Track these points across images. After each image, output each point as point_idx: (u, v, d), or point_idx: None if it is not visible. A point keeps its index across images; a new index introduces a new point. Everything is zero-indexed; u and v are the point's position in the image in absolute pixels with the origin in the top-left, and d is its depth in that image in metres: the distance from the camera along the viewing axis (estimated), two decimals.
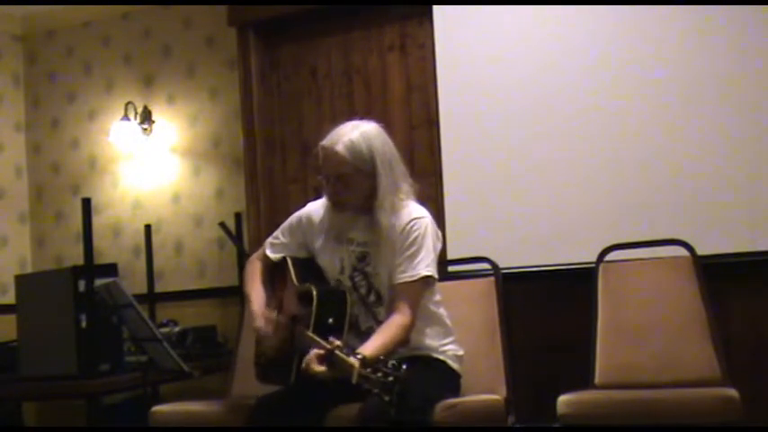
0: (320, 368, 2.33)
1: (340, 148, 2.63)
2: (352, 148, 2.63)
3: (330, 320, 2.60)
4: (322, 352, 2.32)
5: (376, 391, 2.14)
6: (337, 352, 2.27)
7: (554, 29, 3.81)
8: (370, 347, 2.44)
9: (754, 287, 3.49)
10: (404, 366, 2.15)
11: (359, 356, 2.22)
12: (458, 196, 3.95)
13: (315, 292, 2.62)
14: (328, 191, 2.73)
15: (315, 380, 2.37)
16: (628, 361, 3.11)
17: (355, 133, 2.66)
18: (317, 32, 4.43)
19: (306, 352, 2.42)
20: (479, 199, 3.90)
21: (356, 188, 2.68)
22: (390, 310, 2.65)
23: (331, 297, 2.67)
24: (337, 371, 2.28)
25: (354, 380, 2.17)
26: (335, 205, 2.75)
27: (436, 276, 2.71)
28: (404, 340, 2.62)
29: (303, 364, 2.38)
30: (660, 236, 3.38)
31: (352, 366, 2.18)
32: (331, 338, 2.36)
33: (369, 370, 2.15)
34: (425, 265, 2.66)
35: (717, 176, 3.51)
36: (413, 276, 2.64)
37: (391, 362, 2.16)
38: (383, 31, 4.28)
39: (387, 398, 2.13)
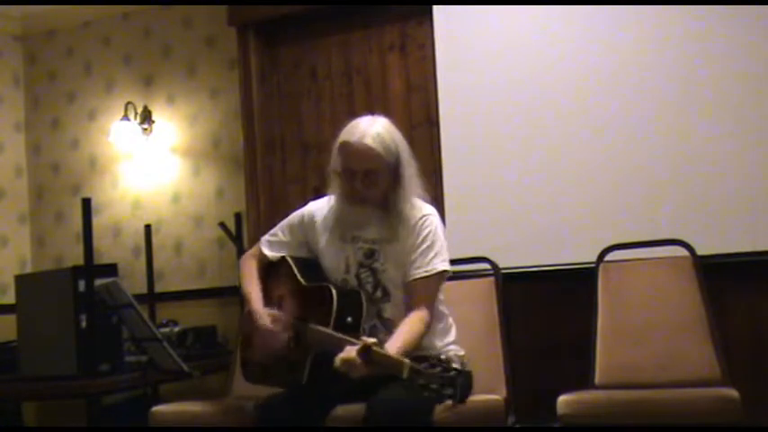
0: (358, 364, 2.28)
1: (370, 141, 2.59)
2: (382, 141, 2.61)
3: (349, 319, 2.59)
4: (357, 348, 2.29)
5: (435, 386, 2.12)
6: (376, 348, 2.26)
7: (554, 29, 3.81)
8: (395, 344, 2.43)
9: (754, 287, 3.49)
10: (455, 362, 2.14)
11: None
12: (458, 196, 3.95)
13: (334, 292, 2.61)
14: (353, 186, 2.66)
15: (349, 377, 2.32)
16: (628, 361, 3.11)
17: (378, 127, 2.64)
18: (317, 32, 4.43)
19: (324, 351, 2.42)
20: (479, 199, 3.90)
21: (382, 182, 2.66)
22: (408, 307, 2.64)
23: (348, 296, 2.65)
24: (376, 368, 2.25)
25: (405, 375, 2.14)
26: (358, 201, 2.70)
27: (451, 271, 2.71)
28: (424, 335, 2.61)
29: (336, 363, 2.32)
30: (660, 236, 3.39)
31: (400, 363, 2.16)
32: (363, 337, 2.35)
33: (424, 365, 2.13)
34: (441, 260, 2.66)
35: (717, 176, 3.51)
36: (429, 271, 2.64)
37: (442, 356, 2.15)
38: (383, 31, 4.28)
39: (449, 391, 2.11)
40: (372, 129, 2.63)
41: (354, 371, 2.30)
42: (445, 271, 2.67)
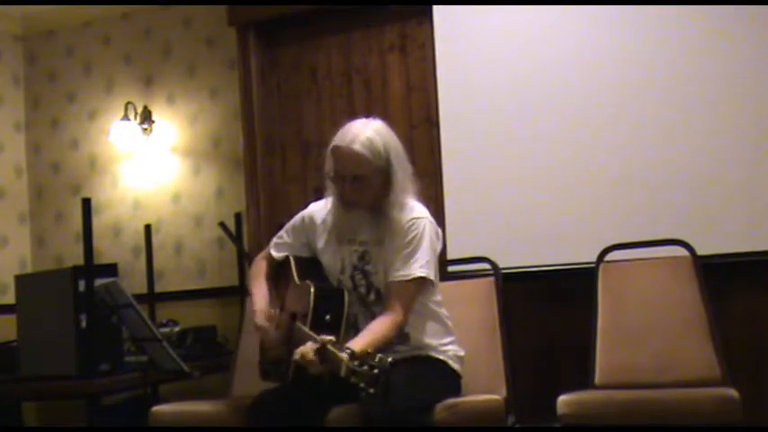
0: (312, 361, 2.32)
1: (358, 147, 2.60)
2: (371, 146, 2.61)
3: (327, 317, 2.61)
4: (315, 346, 2.33)
5: (362, 384, 2.15)
6: (329, 346, 2.28)
7: (554, 29, 3.81)
8: (358, 342, 2.44)
9: (754, 287, 3.49)
10: (389, 359, 2.16)
11: (348, 351, 2.24)
12: (458, 196, 3.95)
13: (312, 289, 2.63)
14: (343, 191, 2.69)
15: (308, 374, 2.38)
16: (628, 361, 3.11)
17: (369, 131, 2.64)
18: (317, 32, 4.43)
19: None
20: (479, 199, 3.90)
21: (372, 187, 2.66)
22: (383, 308, 2.66)
23: (329, 294, 2.67)
24: (329, 365, 2.28)
25: (342, 373, 2.18)
26: (348, 205, 2.72)
27: (432, 278, 2.70)
28: (394, 337, 2.62)
29: (295, 356, 2.39)
30: (660, 236, 3.38)
31: (340, 360, 2.19)
32: (323, 334, 2.37)
33: (356, 363, 2.17)
34: (420, 266, 2.65)
35: (717, 176, 3.52)
36: (406, 276, 2.64)
37: (378, 355, 2.17)
38: (383, 31, 4.28)
39: (372, 390, 2.14)
40: (363, 133, 2.63)
41: (311, 367, 2.35)
42: (423, 278, 2.66)
